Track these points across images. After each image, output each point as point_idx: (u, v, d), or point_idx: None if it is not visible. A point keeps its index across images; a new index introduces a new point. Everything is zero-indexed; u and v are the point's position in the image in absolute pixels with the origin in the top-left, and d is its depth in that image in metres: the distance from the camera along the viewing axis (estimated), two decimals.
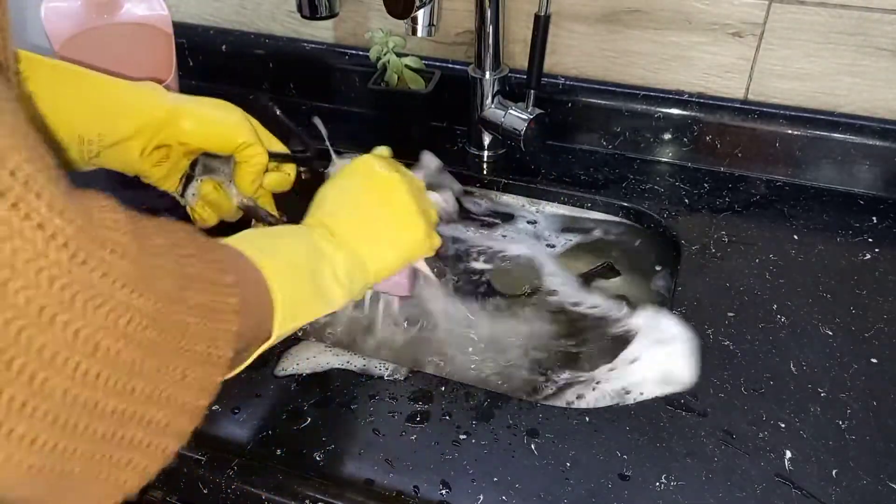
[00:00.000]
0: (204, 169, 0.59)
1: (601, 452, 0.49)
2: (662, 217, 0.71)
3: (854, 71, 0.71)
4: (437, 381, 0.54)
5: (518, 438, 0.50)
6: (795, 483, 0.47)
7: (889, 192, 0.73)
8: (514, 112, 0.74)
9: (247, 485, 0.48)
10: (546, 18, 0.69)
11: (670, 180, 0.76)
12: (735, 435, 0.50)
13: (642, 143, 0.79)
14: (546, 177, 0.77)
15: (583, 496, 0.46)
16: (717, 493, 0.46)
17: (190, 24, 0.92)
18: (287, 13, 0.88)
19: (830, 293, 0.62)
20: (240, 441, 0.50)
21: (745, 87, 0.76)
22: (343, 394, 0.53)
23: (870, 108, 0.73)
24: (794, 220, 0.70)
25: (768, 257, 0.65)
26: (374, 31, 0.78)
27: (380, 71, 0.80)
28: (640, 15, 0.75)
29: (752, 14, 0.71)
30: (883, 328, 0.58)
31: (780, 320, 0.59)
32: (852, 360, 0.56)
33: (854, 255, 0.66)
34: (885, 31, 0.68)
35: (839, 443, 0.50)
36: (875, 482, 0.47)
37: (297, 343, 0.57)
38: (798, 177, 0.75)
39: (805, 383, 0.54)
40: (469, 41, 0.82)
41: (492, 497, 0.46)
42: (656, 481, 0.47)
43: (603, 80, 0.80)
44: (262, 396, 0.53)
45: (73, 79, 0.53)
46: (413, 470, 0.48)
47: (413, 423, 0.51)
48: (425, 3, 0.64)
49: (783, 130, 0.74)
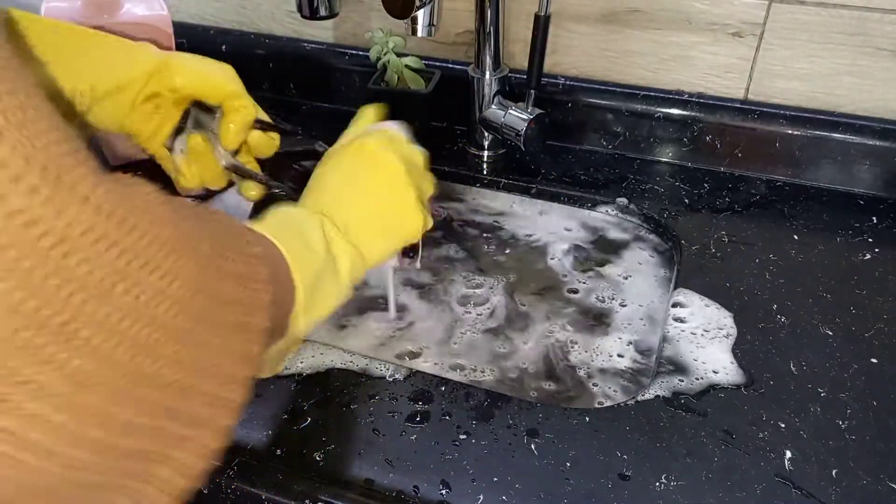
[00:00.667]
0: (195, 123, 0.59)
1: (601, 452, 0.49)
2: (662, 217, 0.71)
3: (854, 71, 0.71)
4: (437, 381, 0.54)
5: (518, 438, 0.50)
6: (795, 483, 0.47)
7: (889, 192, 0.73)
8: (514, 112, 0.74)
9: (247, 485, 0.48)
10: (546, 18, 0.69)
11: (670, 180, 0.76)
12: (735, 435, 0.50)
13: (642, 143, 0.79)
14: (546, 177, 0.77)
15: (583, 496, 0.46)
16: (717, 493, 0.46)
17: (190, 24, 0.92)
18: (287, 13, 0.88)
19: (830, 293, 0.62)
20: (240, 441, 0.50)
21: (745, 87, 0.76)
22: (343, 394, 0.53)
23: (870, 108, 0.73)
24: (794, 220, 0.70)
25: (768, 257, 0.65)
26: (374, 31, 0.78)
27: (380, 71, 0.80)
28: (640, 15, 0.75)
29: (752, 14, 0.71)
30: (883, 328, 0.58)
31: (780, 320, 0.59)
32: (852, 360, 0.56)
33: (854, 255, 0.66)
34: (885, 31, 0.68)
35: (839, 443, 0.50)
36: (875, 482, 0.47)
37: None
38: (798, 177, 0.76)
39: (805, 383, 0.54)
40: (469, 41, 0.82)
41: (492, 497, 0.46)
42: (656, 481, 0.47)
43: (603, 80, 0.80)
44: (262, 396, 0.53)
45: (66, 33, 0.53)
46: (413, 470, 0.48)
47: (413, 423, 0.51)
48: (425, 3, 0.64)
49: (783, 130, 0.74)
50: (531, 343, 0.63)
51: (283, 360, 0.42)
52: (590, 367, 0.61)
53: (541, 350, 0.63)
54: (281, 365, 0.41)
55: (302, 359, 0.56)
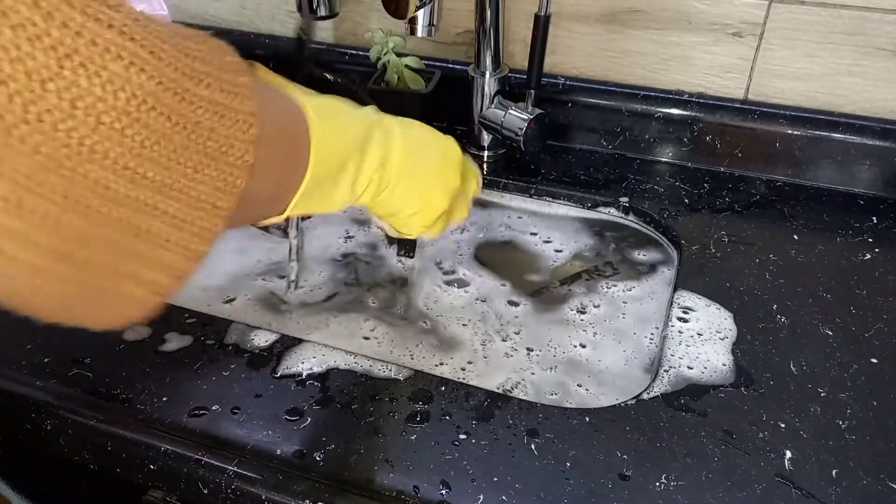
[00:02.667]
0: None
1: (601, 452, 0.49)
2: (662, 217, 0.71)
3: (854, 71, 0.71)
4: (437, 381, 0.54)
5: (518, 438, 0.50)
6: (795, 483, 0.47)
7: (889, 192, 0.73)
8: (514, 112, 0.74)
9: (247, 485, 0.48)
10: (546, 18, 0.69)
11: (670, 180, 0.76)
12: (735, 435, 0.50)
13: (642, 143, 0.79)
14: (546, 177, 0.77)
15: (583, 496, 0.46)
16: (717, 493, 0.46)
17: (190, 24, 0.92)
18: (287, 13, 0.88)
19: (830, 293, 0.62)
20: (240, 441, 0.50)
21: (745, 87, 0.76)
22: (343, 394, 0.53)
23: (870, 108, 0.73)
24: (794, 220, 0.70)
25: (768, 257, 0.65)
26: (374, 31, 0.78)
27: (380, 71, 0.80)
28: (640, 15, 0.75)
29: (752, 14, 0.71)
30: (883, 328, 0.58)
31: (780, 320, 0.59)
32: (852, 360, 0.56)
33: (854, 255, 0.66)
34: (885, 31, 0.68)
35: (839, 443, 0.50)
36: (875, 482, 0.47)
37: (297, 343, 0.57)
38: (798, 177, 0.76)
39: (805, 383, 0.54)
40: (469, 41, 0.82)
41: (492, 497, 0.46)
42: (656, 481, 0.47)
43: (603, 80, 0.80)
44: (262, 396, 0.53)
45: None
46: (413, 470, 0.48)
47: (413, 423, 0.51)
48: (425, 3, 0.64)
49: (783, 130, 0.74)
50: (530, 343, 0.63)
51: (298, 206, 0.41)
52: (589, 366, 0.61)
53: (540, 350, 0.63)
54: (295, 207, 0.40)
55: (302, 359, 0.56)
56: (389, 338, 0.64)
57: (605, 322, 0.65)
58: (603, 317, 0.65)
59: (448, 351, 0.63)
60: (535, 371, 0.61)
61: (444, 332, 0.65)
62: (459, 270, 0.71)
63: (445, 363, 0.62)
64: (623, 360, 0.61)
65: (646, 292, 0.67)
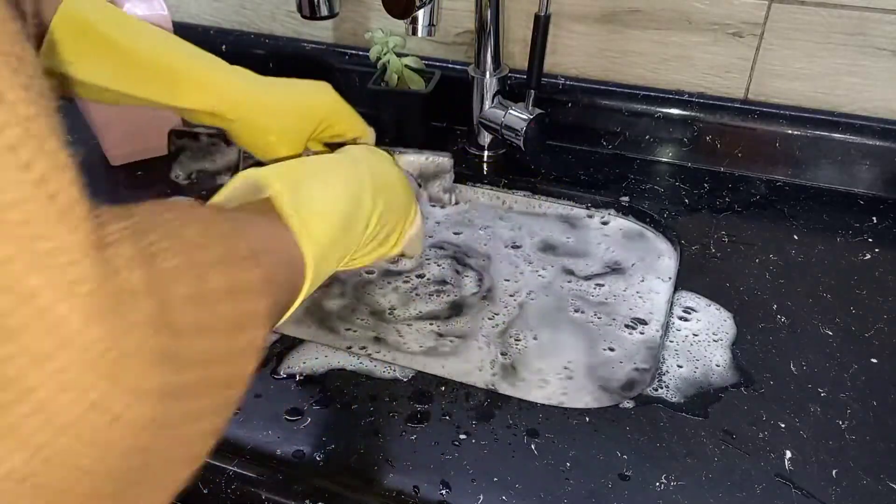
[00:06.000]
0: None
1: (601, 452, 0.49)
2: (662, 217, 0.71)
3: (854, 71, 0.71)
4: (437, 381, 0.54)
5: (518, 438, 0.50)
6: (795, 483, 0.47)
7: (889, 192, 0.73)
8: (514, 112, 0.74)
9: (247, 485, 0.48)
10: (546, 18, 0.69)
11: (670, 180, 0.76)
12: (735, 435, 0.50)
13: (642, 143, 0.79)
14: (546, 177, 0.77)
15: (583, 496, 0.46)
16: (717, 493, 0.46)
17: (190, 24, 0.92)
18: (287, 13, 0.88)
19: (830, 293, 0.62)
20: (240, 441, 0.50)
21: (745, 87, 0.76)
22: (343, 394, 0.53)
23: (870, 108, 0.73)
24: (794, 220, 0.70)
25: (768, 257, 0.65)
26: (374, 31, 0.78)
27: (380, 71, 0.80)
28: (640, 15, 0.75)
29: (752, 14, 0.71)
30: (883, 328, 0.58)
31: (780, 320, 0.59)
32: (852, 360, 0.56)
33: (854, 255, 0.66)
34: (885, 31, 0.68)
35: (839, 443, 0.50)
36: (875, 482, 0.47)
37: (297, 343, 0.57)
38: (798, 177, 0.76)
39: (805, 383, 0.54)
40: (469, 41, 0.82)
41: (492, 497, 0.46)
42: (656, 481, 0.47)
43: (603, 80, 0.80)
44: (262, 396, 0.53)
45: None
46: (413, 470, 0.48)
47: (413, 423, 0.51)
48: (425, 3, 0.64)
49: (783, 130, 0.74)
50: (530, 343, 0.63)
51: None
52: (589, 366, 0.61)
53: (539, 350, 0.63)
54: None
55: (303, 359, 0.56)
56: (389, 338, 0.64)
57: (605, 322, 0.65)
58: (602, 316, 0.65)
59: (449, 351, 0.63)
60: (532, 369, 0.61)
61: (445, 332, 0.65)
62: (459, 270, 0.71)
63: (447, 364, 0.62)
64: (623, 360, 0.61)
65: (645, 292, 0.67)
